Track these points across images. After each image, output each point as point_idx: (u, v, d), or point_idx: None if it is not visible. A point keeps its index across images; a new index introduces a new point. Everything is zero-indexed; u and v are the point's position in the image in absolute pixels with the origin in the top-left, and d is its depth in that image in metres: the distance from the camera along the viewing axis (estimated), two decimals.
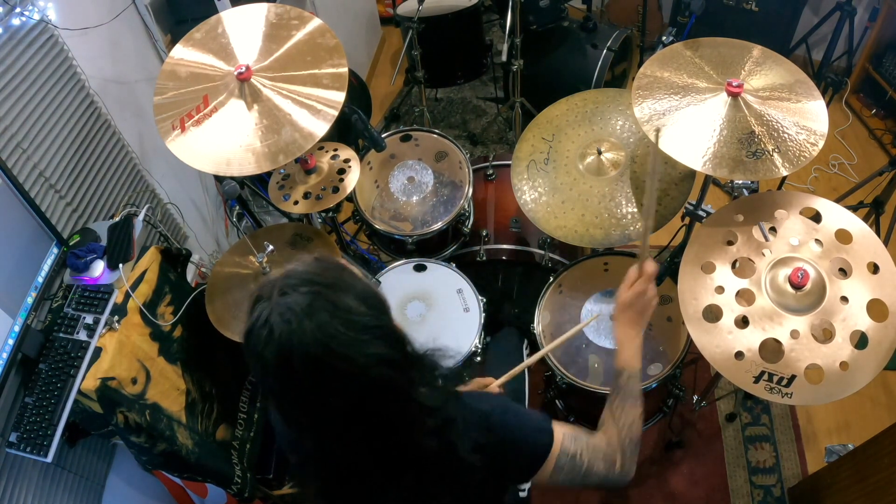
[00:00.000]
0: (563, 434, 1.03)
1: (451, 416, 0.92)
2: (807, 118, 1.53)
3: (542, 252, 2.19)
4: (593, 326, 1.92)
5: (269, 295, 0.81)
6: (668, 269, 1.84)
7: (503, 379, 1.41)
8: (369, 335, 0.80)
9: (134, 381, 1.59)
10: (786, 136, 1.50)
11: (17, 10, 1.59)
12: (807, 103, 1.55)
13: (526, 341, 2.03)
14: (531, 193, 1.93)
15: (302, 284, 0.80)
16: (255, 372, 0.82)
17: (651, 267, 1.22)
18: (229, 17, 1.73)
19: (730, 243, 1.55)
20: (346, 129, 2.26)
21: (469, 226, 2.25)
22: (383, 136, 1.99)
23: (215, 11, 1.83)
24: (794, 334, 1.42)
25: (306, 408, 0.83)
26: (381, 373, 0.81)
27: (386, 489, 0.91)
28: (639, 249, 1.27)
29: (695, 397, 2.11)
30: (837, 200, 1.81)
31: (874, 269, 1.45)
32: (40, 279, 1.57)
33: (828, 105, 1.56)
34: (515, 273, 2.33)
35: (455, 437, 0.91)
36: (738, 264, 1.53)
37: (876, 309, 1.41)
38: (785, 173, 1.48)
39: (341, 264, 0.87)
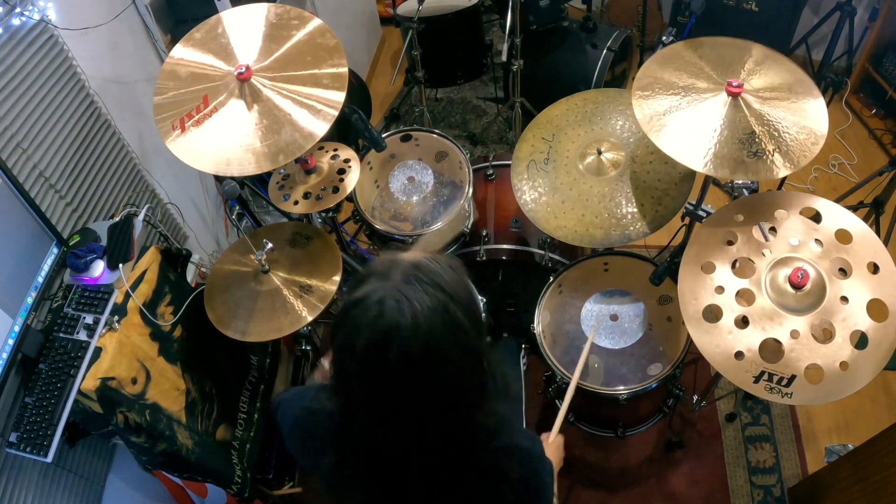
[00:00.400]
0: None
1: (506, 442, 0.93)
2: (807, 118, 1.53)
3: (542, 252, 2.19)
4: (593, 327, 1.92)
5: (387, 275, 0.79)
6: (668, 269, 1.84)
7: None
8: (469, 356, 0.80)
9: (134, 381, 1.59)
10: (786, 135, 1.50)
11: (17, 10, 1.59)
12: (807, 103, 1.55)
13: (523, 350, 2.03)
14: (531, 193, 1.93)
15: (431, 284, 0.78)
16: (340, 343, 0.80)
17: (560, 440, 1.50)
18: (229, 17, 1.72)
19: (730, 243, 1.55)
20: (346, 129, 2.26)
21: (469, 226, 2.25)
22: (383, 136, 1.99)
23: (215, 11, 1.83)
24: (794, 334, 1.42)
25: (375, 396, 0.81)
26: (463, 390, 0.82)
27: (433, 494, 0.91)
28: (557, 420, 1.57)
29: (695, 397, 2.11)
30: (837, 200, 1.81)
31: (874, 269, 1.45)
32: (40, 279, 1.56)
33: (828, 105, 1.56)
34: (515, 273, 2.33)
35: (506, 462, 0.92)
36: (738, 264, 1.53)
37: (876, 309, 1.41)
38: (785, 173, 1.48)
39: (468, 280, 0.86)
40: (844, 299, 1.43)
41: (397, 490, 0.91)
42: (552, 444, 1.48)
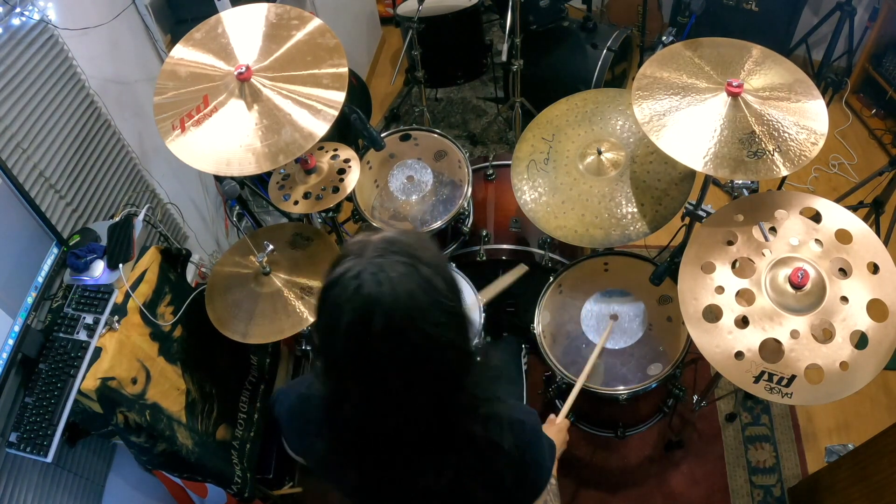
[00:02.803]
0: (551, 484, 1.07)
1: (496, 412, 0.93)
2: (807, 118, 1.53)
3: (542, 252, 2.19)
4: (593, 326, 1.92)
5: (361, 252, 0.80)
6: (668, 269, 1.84)
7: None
8: (450, 320, 0.81)
9: (134, 381, 1.59)
10: (786, 135, 1.50)
11: (17, 10, 1.59)
12: (807, 103, 1.55)
13: (525, 348, 2.03)
14: (531, 193, 1.93)
15: (401, 253, 0.80)
16: (324, 324, 0.81)
17: (566, 423, 1.50)
18: (229, 17, 1.72)
19: (730, 243, 1.56)
20: (346, 129, 2.26)
21: (469, 225, 2.25)
22: (383, 135, 1.99)
23: (215, 11, 1.83)
24: (794, 334, 1.42)
25: (364, 371, 0.82)
26: (448, 357, 0.82)
27: (426, 472, 0.91)
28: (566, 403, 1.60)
29: (695, 397, 2.11)
30: (837, 200, 1.81)
31: (874, 269, 1.45)
32: (40, 279, 1.56)
33: (828, 105, 1.56)
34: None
35: (497, 431, 0.92)
36: (738, 264, 1.53)
37: (876, 309, 1.41)
38: (785, 173, 1.48)
39: (437, 246, 0.87)
40: (844, 299, 1.43)
41: (389, 465, 0.92)
42: (556, 426, 1.47)
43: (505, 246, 2.24)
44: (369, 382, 0.82)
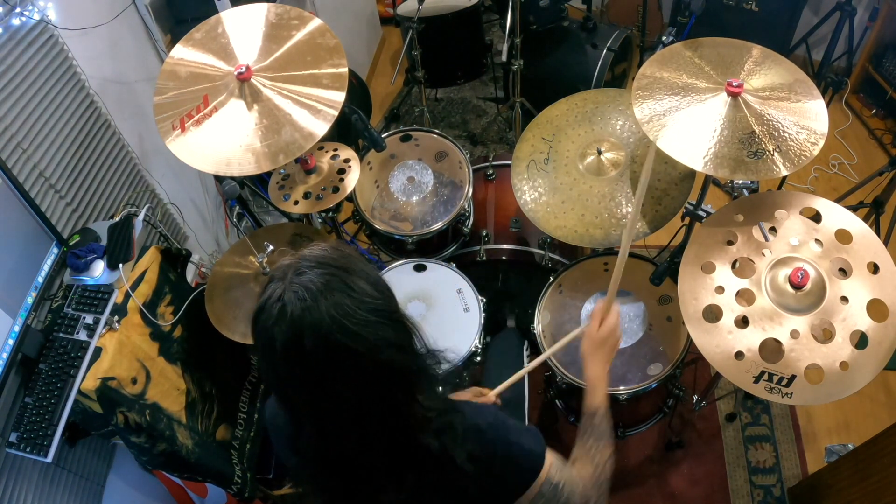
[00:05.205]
0: (552, 462, 1.03)
1: (450, 422, 0.92)
2: (807, 118, 1.53)
3: (542, 252, 2.19)
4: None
5: (283, 275, 0.81)
6: (668, 269, 1.84)
7: (500, 388, 1.43)
8: (381, 318, 0.81)
9: (134, 381, 1.59)
10: (786, 135, 1.50)
11: (17, 10, 1.59)
12: (807, 103, 1.55)
13: (527, 342, 2.03)
14: (531, 193, 1.93)
15: (318, 266, 0.81)
16: (261, 352, 0.82)
17: (617, 307, 1.35)
18: (229, 17, 1.73)
19: (730, 243, 1.56)
20: (347, 129, 2.26)
21: (469, 226, 2.25)
22: (383, 136, 1.99)
23: (215, 11, 1.83)
24: (794, 334, 1.42)
25: (311, 393, 0.82)
26: (389, 356, 0.82)
27: (387, 488, 0.91)
28: (609, 290, 1.39)
29: (695, 397, 2.11)
30: (837, 200, 1.81)
31: (874, 269, 1.45)
32: (40, 279, 1.56)
33: (828, 105, 1.56)
34: (515, 273, 2.33)
35: (452, 444, 0.91)
36: (738, 264, 1.53)
37: (876, 309, 1.41)
38: (785, 173, 1.48)
39: (353, 251, 0.88)
40: (844, 299, 1.43)
41: (353, 490, 0.92)
42: (613, 313, 1.31)
43: (505, 246, 2.24)
44: (319, 403, 0.82)
